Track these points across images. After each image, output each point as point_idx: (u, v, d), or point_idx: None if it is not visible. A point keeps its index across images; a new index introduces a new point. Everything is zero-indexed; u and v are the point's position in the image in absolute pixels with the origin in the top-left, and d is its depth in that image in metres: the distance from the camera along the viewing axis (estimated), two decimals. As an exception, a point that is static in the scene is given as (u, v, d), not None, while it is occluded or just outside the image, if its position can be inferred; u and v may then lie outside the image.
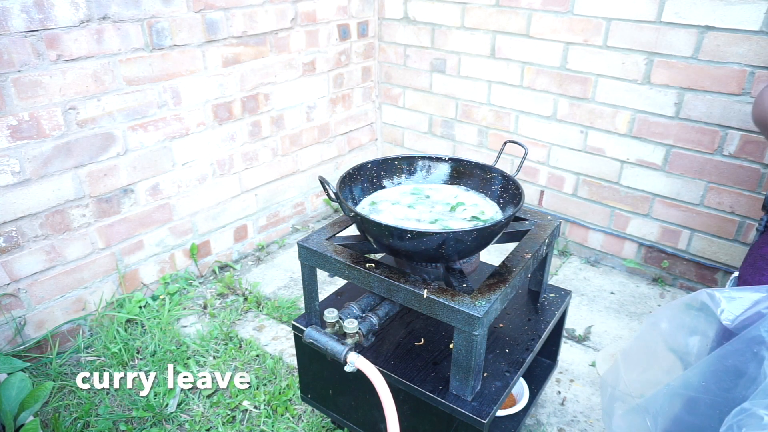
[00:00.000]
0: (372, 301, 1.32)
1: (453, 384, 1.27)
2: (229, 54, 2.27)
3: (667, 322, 1.09)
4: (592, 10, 2.22)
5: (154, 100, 2.08)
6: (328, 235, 1.45)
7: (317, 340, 1.22)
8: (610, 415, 1.11)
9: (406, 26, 2.80)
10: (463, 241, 1.21)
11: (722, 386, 0.91)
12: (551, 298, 1.65)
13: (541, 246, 1.42)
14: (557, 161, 2.55)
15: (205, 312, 2.27)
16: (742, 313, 0.94)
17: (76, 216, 1.97)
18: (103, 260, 2.11)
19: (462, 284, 1.26)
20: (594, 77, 2.31)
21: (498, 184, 1.49)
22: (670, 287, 2.43)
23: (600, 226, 2.54)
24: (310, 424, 1.74)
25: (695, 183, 2.21)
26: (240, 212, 2.58)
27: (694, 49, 2.04)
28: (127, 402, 1.82)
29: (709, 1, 1.95)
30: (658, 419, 1.00)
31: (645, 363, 1.14)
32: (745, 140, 2.04)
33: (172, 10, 2.03)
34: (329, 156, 2.95)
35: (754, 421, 0.72)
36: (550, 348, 1.75)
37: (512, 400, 1.61)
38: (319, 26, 2.61)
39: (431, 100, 2.88)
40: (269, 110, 2.53)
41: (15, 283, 1.87)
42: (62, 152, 1.87)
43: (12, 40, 1.67)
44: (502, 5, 2.44)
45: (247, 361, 2.00)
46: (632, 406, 1.07)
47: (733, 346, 0.89)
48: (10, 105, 1.71)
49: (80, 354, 2.02)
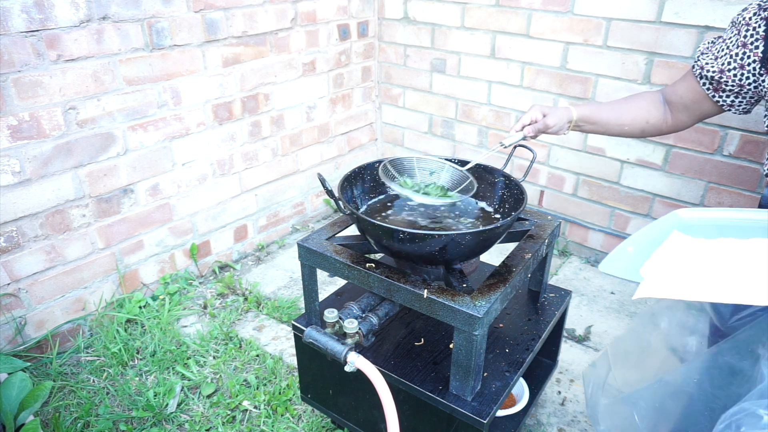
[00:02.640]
0: (372, 301, 1.32)
1: (453, 384, 1.27)
2: (229, 54, 2.27)
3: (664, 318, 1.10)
4: (592, 10, 2.22)
5: (154, 100, 2.08)
6: (328, 235, 1.45)
7: (317, 340, 1.22)
8: (595, 407, 1.12)
9: (406, 26, 2.80)
10: (463, 244, 1.21)
11: (715, 383, 0.91)
12: (551, 298, 1.65)
13: (541, 246, 1.42)
14: (557, 161, 2.55)
15: (205, 312, 2.27)
16: (737, 312, 0.94)
17: (76, 216, 1.97)
18: (103, 260, 2.11)
19: (462, 284, 1.26)
20: (594, 77, 2.31)
21: (501, 187, 1.50)
22: (670, 287, 2.42)
23: (600, 226, 2.54)
24: (310, 424, 1.74)
25: (695, 183, 2.21)
26: (240, 212, 2.58)
27: (694, 49, 2.04)
28: (127, 402, 1.82)
29: (709, 1, 1.96)
30: (647, 413, 1.01)
31: (636, 357, 1.14)
32: (745, 140, 2.05)
33: (172, 10, 2.03)
34: (329, 156, 2.95)
35: (753, 420, 0.72)
36: (550, 348, 1.75)
37: (512, 400, 1.61)
38: (319, 26, 2.61)
39: (431, 100, 2.88)
40: (269, 110, 2.53)
41: (15, 283, 1.88)
42: (62, 152, 1.87)
43: (12, 40, 1.67)
44: (502, 5, 2.44)
45: (247, 361, 2.00)
46: (619, 398, 1.07)
47: (729, 344, 0.90)
48: (10, 105, 1.71)
49: (80, 354, 2.02)
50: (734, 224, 0.94)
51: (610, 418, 1.06)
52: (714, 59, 1.28)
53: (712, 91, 1.32)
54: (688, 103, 1.38)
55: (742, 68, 1.22)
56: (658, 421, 0.99)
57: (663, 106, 1.44)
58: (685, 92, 1.38)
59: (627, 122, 1.45)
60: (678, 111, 1.42)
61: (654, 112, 1.44)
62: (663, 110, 1.44)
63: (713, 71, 1.28)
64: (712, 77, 1.29)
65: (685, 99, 1.38)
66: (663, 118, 1.44)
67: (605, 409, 1.08)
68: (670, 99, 1.42)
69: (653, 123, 1.44)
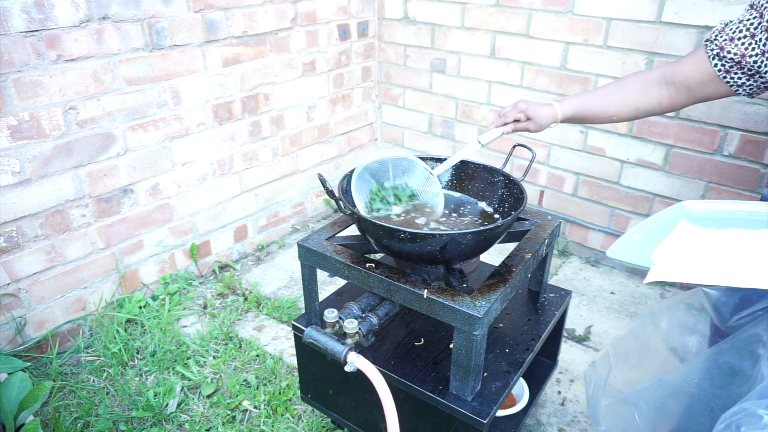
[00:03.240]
0: (372, 301, 1.32)
1: (453, 384, 1.27)
2: (229, 54, 2.27)
3: (664, 318, 1.10)
4: (592, 10, 2.22)
5: (154, 100, 2.08)
6: (328, 235, 1.45)
7: (317, 340, 1.22)
8: (595, 407, 1.12)
9: (406, 26, 2.80)
10: (464, 244, 1.21)
11: (716, 383, 0.91)
12: (551, 298, 1.65)
13: (541, 246, 1.42)
14: (557, 161, 2.55)
15: (205, 312, 2.27)
16: (737, 312, 0.95)
17: (76, 216, 1.97)
18: (103, 260, 2.11)
19: (462, 284, 1.26)
20: (594, 77, 2.31)
21: (501, 187, 1.50)
22: (671, 287, 2.43)
23: (600, 226, 2.54)
24: (310, 424, 1.74)
25: (695, 183, 2.21)
26: (240, 212, 2.58)
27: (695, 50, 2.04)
28: (127, 402, 1.82)
29: (709, 1, 1.96)
30: (647, 413, 1.01)
31: (637, 358, 1.14)
32: (745, 140, 2.05)
33: (172, 10, 2.03)
34: (329, 156, 2.95)
35: (753, 420, 0.72)
36: (550, 348, 1.75)
37: (512, 400, 1.61)
38: (319, 26, 2.61)
39: (431, 100, 2.88)
40: (269, 110, 2.53)
41: (15, 283, 1.88)
42: (62, 152, 1.87)
43: (12, 40, 1.67)
44: (502, 5, 2.44)
45: (247, 361, 2.00)
46: (620, 399, 1.07)
47: (729, 344, 0.90)
48: (10, 105, 1.71)
49: (80, 354, 2.02)
50: (740, 216, 0.94)
51: (611, 419, 1.06)
52: (729, 40, 1.21)
53: (724, 73, 1.26)
54: (693, 84, 1.32)
55: (763, 54, 1.17)
56: (659, 421, 0.99)
57: (658, 87, 1.38)
58: (692, 72, 1.31)
59: (615, 112, 1.42)
60: (679, 92, 1.35)
61: (644, 98, 1.39)
62: (657, 92, 1.38)
63: (734, 53, 1.21)
64: (732, 59, 1.23)
65: (691, 79, 1.32)
66: (657, 100, 1.38)
67: (606, 409, 1.08)
68: (672, 79, 1.36)
69: (644, 108, 1.40)
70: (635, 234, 1.00)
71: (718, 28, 1.27)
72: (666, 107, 1.40)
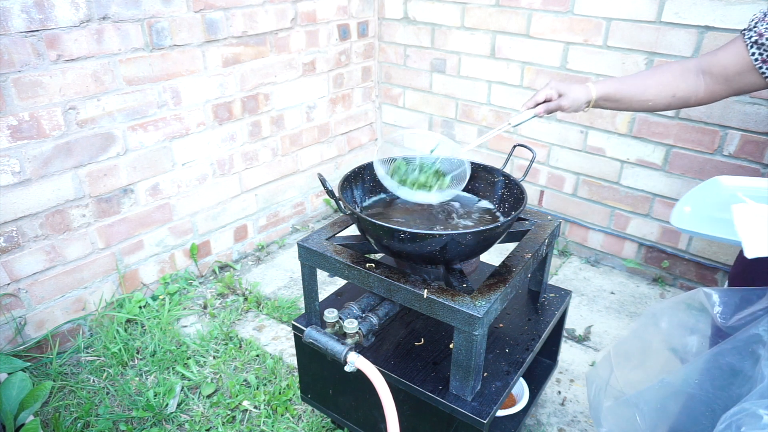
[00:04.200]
0: (372, 301, 1.32)
1: (453, 384, 1.27)
2: (229, 54, 2.27)
3: (665, 319, 1.10)
4: (592, 10, 2.22)
5: (154, 100, 2.08)
6: (328, 235, 1.45)
7: (317, 340, 1.22)
8: (597, 408, 1.12)
9: (406, 26, 2.80)
10: (464, 244, 1.21)
11: (716, 384, 0.91)
12: (551, 298, 1.65)
13: (541, 246, 1.42)
14: (557, 161, 2.55)
15: (205, 312, 2.27)
16: (737, 312, 0.95)
17: (76, 216, 1.97)
18: (103, 260, 2.11)
19: (462, 284, 1.26)
20: (594, 77, 2.30)
21: (502, 187, 1.50)
22: (671, 287, 2.43)
23: (600, 226, 2.54)
24: (310, 424, 1.74)
25: (695, 183, 2.21)
26: (240, 212, 2.58)
27: (694, 49, 2.04)
28: (127, 402, 1.82)
29: (709, 1, 1.95)
30: (648, 414, 1.01)
31: (638, 359, 1.14)
32: (745, 140, 2.04)
33: (172, 10, 2.03)
34: (329, 156, 2.95)
35: (754, 420, 0.72)
36: (550, 348, 1.75)
37: (512, 400, 1.61)
38: (319, 26, 2.61)
39: (431, 100, 2.88)
40: (269, 110, 2.53)
41: (15, 283, 1.87)
42: (62, 152, 1.87)
43: (12, 40, 1.67)
44: (502, 5, 2.44)
45: (247, 361, 2.00)
46: (621, 400, 1.07)
47: (729, 345, 0.90)
48: (10, 105, 1.71)
49: (80, 354, 2.02)
50: None
51: (613, 420, 1.06)
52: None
53: (761, 62, 1.23)
54: (731, 74, 1.29)
55: None
56: (660, 421, 0.99)
57: (695, 76, 1.34)
58: (729, 62, 1.28)
59: (651, 97, 1.37)
60: (716, 82, 1.32)
61: (682, 85, 1.35)
62: (695, 81, 1.34)
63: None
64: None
65: (728, 69, 1.29)
66: (694, 89, 1.34)
67: (608, 410, 1.08)
68: (709, 69, 1.32)
69: (681, 96, 1.36)
70: (685, 206, 1.14)
71: (758, 17, 1.24)
72: (702, 98, 1.36)
